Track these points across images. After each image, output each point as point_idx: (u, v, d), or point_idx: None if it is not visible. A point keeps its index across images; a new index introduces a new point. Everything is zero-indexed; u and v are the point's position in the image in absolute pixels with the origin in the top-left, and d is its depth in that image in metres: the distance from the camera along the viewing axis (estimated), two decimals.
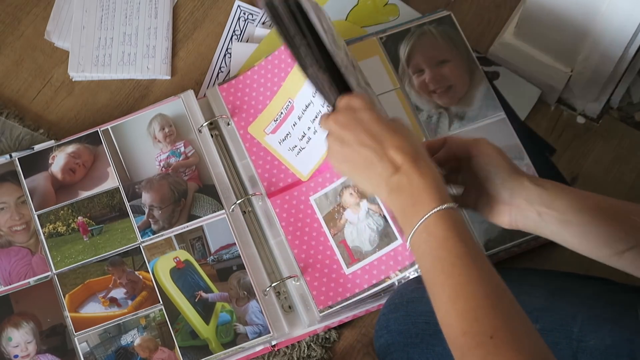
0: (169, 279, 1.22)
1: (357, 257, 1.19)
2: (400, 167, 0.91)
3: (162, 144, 1.30)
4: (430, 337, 1.05)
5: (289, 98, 1.26)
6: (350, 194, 1.21)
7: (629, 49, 1.23)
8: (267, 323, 1.19)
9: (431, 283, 0.87)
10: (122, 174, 1.28)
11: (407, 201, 0.90)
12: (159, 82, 1.40)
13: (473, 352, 0.82)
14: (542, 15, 1.26)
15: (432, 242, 0.87)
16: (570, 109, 1.37)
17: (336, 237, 1.21)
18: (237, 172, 1.28)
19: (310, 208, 1.23)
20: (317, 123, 1.24)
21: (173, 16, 1.44)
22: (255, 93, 1.29)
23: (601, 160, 1.34)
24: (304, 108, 1.25)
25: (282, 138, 1.26)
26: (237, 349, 1.19)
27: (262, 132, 1.28)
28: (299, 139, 1.25)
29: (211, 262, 1.23)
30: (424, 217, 0.88)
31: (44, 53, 1.41)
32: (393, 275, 1.16)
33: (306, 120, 1.24)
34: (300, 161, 1.25)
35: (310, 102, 1.24)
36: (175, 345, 1.19)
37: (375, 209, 1.19)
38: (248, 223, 1.26)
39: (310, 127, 1.24)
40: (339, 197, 1.22)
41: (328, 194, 1.23)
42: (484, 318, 0.82)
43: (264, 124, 1.28)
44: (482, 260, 0.86)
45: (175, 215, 1.26)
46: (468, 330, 0.82)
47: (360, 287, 1.18)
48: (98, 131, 1.30)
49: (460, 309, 0.83)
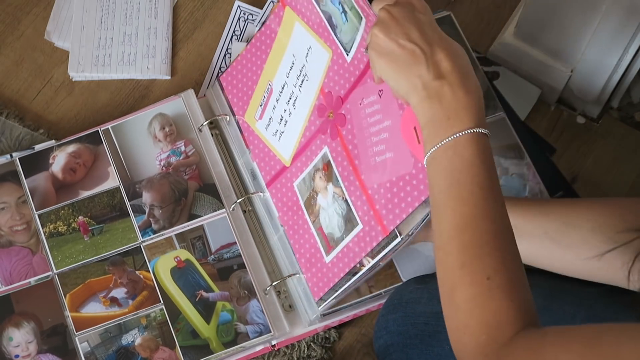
0: (170, 278, 1.22)
1: (332, 245, 1.13)
2: (445, 75, 0.85)
3: (162, 143, 1.30)
4: (429, 337, 1.05)
5: (269, 81, 1.23)
6: (319, 178, 1.15)
7: (629, 49, 1.23)
8: (267, 322, 1.19)
9: (441, 205, 0.83)
10: (123, 174, 1.29)
11: (441, 112, 0.84)
12: (159, 82, 1.40)
13: (465, 289, 0.78)
14: (542, 15, 1.26)
15: (457, 163, 0.82)
16: (570, 109, 1.37)
17: (314, 223, 1.16)
18: (238, 170, 1.29)
19: (295, 195, 1.19)
20: (291, 105, 1.19)
21: (173, 16, 1.44)
22: (245, 79, 1.27)
23: (601, 160, 1.34)
24: (280, 90, 1.21)
25: (267, 123, 1.24)
26: (237, 349, 1.19)
27: (253, 118, 1.26)
28: (278, 122, 1.21)
29: (212, 261, 1.24)
30: (456, 133, 0.82)
31: (44, 53, 1.41)
32: (366, 262, 1.09)
33: (282, 102, 1.21)
34: (282, 145, 1.21)
35: (284, 82, 1.20)
36: (176, 344, 1.19)
37: (339, 193, 1.12)
38: (248, 222, 1.26)
39: (286, 109, 1.20)
40: (312, 182, 1.17)
41: (305, 178, 1.18)
42: (487, 257, 0.78)
43: (253, 110, 1.26)
44: (500, 197, 0.81)
45: (176, 215, 1.26)
46: (467, 264, 0.79)
47: (338, 276, 1.12)
48: (99, 131, 1.31)
49: (466, 241, 0.79)
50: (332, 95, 1.14)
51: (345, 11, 1.09)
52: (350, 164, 1.11)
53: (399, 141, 1.03)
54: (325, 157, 1.15)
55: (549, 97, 1.37)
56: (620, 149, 1.35)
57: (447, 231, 0.81)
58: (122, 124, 1.31)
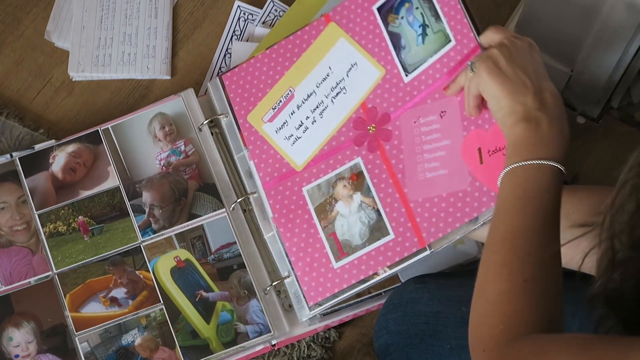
0: (170, 278, 1.22)
1: (347, 251, 1.17)
2: (547, 110, 0.95)
3: (162, 143, 1.30)
4: (429, 337, 1.05)
5: (290, 86, 1.26)
6: (344, 186, 1.19)
7: (629, 49, 1.23)
8: (267, 322, 1.19)
9: (503, 211, 0.91)
10: (123, 173, 1.29)
11: (534, 137, 0.94)
12: (159, 82, 1.40)
13: (500, 284, 0.85)
14: (542, 15, 1.26)
15: (531, 184, 0.90)
16: (570, 109, 1.37)
17: (326, 229, 1.19)
18: (238, 170, 1.28)
19: (303, 199, 1.21)
20: (317, 113, 1.24)
21: (173, 16, 1.44)
22: (257, 81, 1.28)
23: (601, 160, 1.34)
24: (305, 97, 1.24)
25: (279, 127, 1.25)
26: (237, 349, 1.19)
27: (260, 120, 1.27)
28: (295, 127, 1.24)
29: (212, 261, 1.24)
30: (541, 159, 0.91)
31: (44, 53, 1.42)
32: (381, 272, 1.14)
33: (306, 110, 1.24)
34: (296, 151, 1.24)
35: (312, 91, 1.24)
36: (176, 344, 1.19)
37: (368, 202, 1.17)
38: (248, 221, 1.26)
39: (310, 116, 1.23)
40: (332, 189, 1.20)
41: (321, 185, 1.21)
42: (530, 265, 0.85)
43: (262, 112, 1.27)
44: (557, 226, 0.89)
45: (176, 214, 1.26)
46: (509, 264, 0.86)
47: (348, 283, 1.15)
48: (98, 130, 1.31)
49: (516, 246, 0.87)
50: (376, 111, 1.20)
51: (426, 34, 1.17)
52: (391, 176, 1.16)
53: (457, 160, 1.12)
54: (356, 167, 1.19)
55: None
56: (620, 149, 1.35)
57: (502, 234, 0.88)
58: (122, 124, 1.31)
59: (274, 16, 1.42)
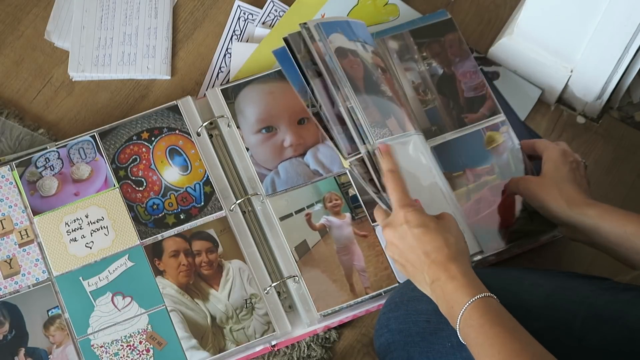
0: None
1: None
2: (437, 278, 1.01)
3: None
4: (430, 335, 1.05)
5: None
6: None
7: (629, 49, 1.23)
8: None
9: (480, 355, 0.96)
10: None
11: (445, 305, 1.00)
12: (159, 82, 1.40)
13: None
14: (542, 15, 1.27)
15: (472, 332, 0.96)
16: (570, 109, 1.38)
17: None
18: (237, 171, 1.28)
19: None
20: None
21: (173, 16, 1.44)
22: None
23: (601, 160, 1.34)
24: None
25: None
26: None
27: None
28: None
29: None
30: (459, 316, 0.97)
31: (44, 53, 1.41)
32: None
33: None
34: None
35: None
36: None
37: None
38: (248, 222, 1.26)
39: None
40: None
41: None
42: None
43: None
44: (519, 333, 0.94)
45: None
46: None
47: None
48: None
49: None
50: None
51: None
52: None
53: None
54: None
55: (549, 97, 1.37)
56: (620, 149, 1.35)
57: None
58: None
59: (274, 16, 1.42)
